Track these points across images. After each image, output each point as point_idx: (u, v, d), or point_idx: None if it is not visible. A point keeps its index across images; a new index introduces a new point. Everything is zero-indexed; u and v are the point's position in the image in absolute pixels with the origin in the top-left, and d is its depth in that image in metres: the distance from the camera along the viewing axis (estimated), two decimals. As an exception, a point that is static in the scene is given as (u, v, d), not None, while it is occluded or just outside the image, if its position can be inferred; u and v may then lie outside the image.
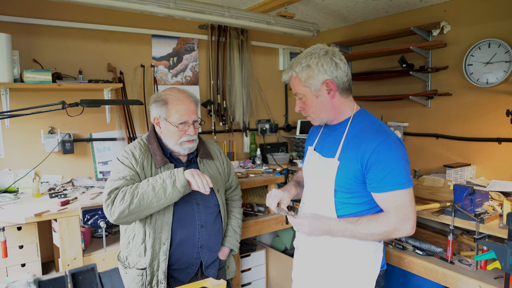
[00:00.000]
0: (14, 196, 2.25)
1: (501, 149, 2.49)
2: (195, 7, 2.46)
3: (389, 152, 1.38)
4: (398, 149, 1.39)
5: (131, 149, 1.77)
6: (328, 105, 1.49)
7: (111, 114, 2.81)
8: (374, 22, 3.24)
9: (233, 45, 3.33)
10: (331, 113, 1.51)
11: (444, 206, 2.03)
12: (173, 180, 1.59)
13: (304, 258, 1.66)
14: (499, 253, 1.60)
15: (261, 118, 3.67)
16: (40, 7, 2.49)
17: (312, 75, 1.44)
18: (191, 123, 1.76)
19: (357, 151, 1.42)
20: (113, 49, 2.81)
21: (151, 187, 1.59)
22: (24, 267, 2.13)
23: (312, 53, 1.46)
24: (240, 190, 2.13)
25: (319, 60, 1.43)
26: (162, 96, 1.77)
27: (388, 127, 1.50)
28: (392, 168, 1.37)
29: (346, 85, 1.49)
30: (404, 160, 1.40)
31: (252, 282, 2.99)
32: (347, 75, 1.48)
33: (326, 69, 1.43)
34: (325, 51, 1.46)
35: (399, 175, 1.37)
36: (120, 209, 1.57)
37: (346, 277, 1.53)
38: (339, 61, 1.45)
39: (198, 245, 1.77)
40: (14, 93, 2.43)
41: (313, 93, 1.47)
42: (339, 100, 1.50)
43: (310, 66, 1.44)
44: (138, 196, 1.58)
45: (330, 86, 1.45)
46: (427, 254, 2.11)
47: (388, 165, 1.37)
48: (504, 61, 2.38)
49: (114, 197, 1.61)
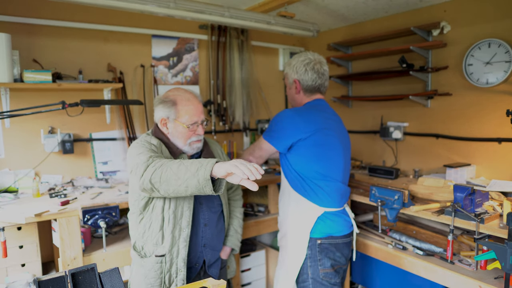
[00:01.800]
0: (14, 196, 2.25)
1: (501, 149, 2.49)
2: (195, 7, 2.46)
3: (275, 117, 1.98)
4: (282, 118, 1.95)
5: (146, 139, 1.70)
6: (294, 97, 2.08)
7: (111, 114, 2.81)
8: (374, 22, 3.24)
9: (233, 45, 3.33)
10: (293, 102, 2.11)
11: (444, 206, 2.03)
12: (198, 167, 1.37)
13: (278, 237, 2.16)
14: (499, 253, 1.60)
15: (261, 118, 3.67)
16: (40, 7, 2.49)
17: (289, 73, 2.04)
18: (200, 123, 1.76)
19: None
20: (113, 49, 2.81)
21: (177, 166, 1.42)
22: (24, 267, 2.13)
23: (298, 58, 2.01)
24: (241, 190, 2.14)
25: (296, 64, 2.00)
26: (170, 96, 1.75)
27: (299, 109, 2.00)
28: (268, 128, 2.00)
29: (310, 87, 2.00)
30: (280, 126, 1.93)
31: (252, 282, 2.99)
32: (313, 81, 1.99)
33: (297, 71, 1.99)
34: (309, 60, 1.97)
35: (268, 130, 1.99)
36: (149, 172, 1.46)
37: (286, 238, 2.01)
38: (310, 69, 1.96)
39: (201, 244, 1.78)
40: (14, 93, 2.43)
41: (288, 85, 2.09)
42: (302, 96, 2.05)
43: (290, 65, 2.03)
44: (166, 166, 1.44)
45: (296, 84, 2.02)
46: (427, 254, 2.11)
47: (269, 125, 2.01)
48: (504, 61, 2.38)
49: (152, 161, 1.50)
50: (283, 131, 1.92)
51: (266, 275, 3.10)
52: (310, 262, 1.90)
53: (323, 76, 1.99)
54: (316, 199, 1.91)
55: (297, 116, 1.92)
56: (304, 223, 1.93)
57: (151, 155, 1.55)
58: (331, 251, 1.90)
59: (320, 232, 1.91)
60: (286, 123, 1.91)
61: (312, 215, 1.92)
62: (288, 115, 1.93)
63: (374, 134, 3.31)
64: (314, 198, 1.92)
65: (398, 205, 2.12)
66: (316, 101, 2.04)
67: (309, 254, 1.91)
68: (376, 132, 3.28)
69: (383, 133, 3.15)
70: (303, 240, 1.92)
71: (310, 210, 1.92)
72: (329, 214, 1.92)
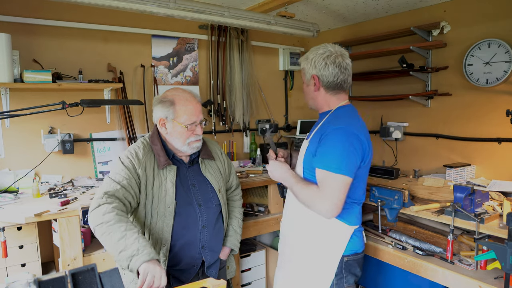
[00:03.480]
0: (14, 196, 2.24)
1: (501, 149, 2.49)
2: (195, 7, 2.46)
3: (334, 138, 1.60)
4: (344, 139, 1.59)
5: (135, 149, 1.74)
6: (312, 94, 1.77)
7: (111, 114, 2.81)
8: (374, 22, 3.24)
9: (233, 45, 3.33)
10: (313, 101, 1.80)
11: (444, 206, 2.03)
12: (134, 254, 1.41)
13: (283, 236, 1.91)
14: (499, 253, 1.60)
15: (261, 118, 3.67)
16: (40, 7, 2.49)
17: (307, 68, 1.75)
18: (198, 123, 1.76)
19: (321, 133, 1.67)
20: (113, 49, 2.81)
21: (119, 236, 1.46)
22: (24, 267, 2.13)
23: (316, 51, 1.72)
24: (240, 190, 2.13)
25: (314, 57, 1.71)
26: (168, 96, 1.74)
27: (351, 121, 1.68)
28: (328, 152, 1.59)
29: (332, 84, 1.71)
30: (346, 150, 1.58)
31: (252, 282, 2.99)
32: (335, 76, 1.70)
33: (316, 66, 1.70)
34: (329, 53, 1.69)
35: (331, 159, 1.58)
36: (91, 223, 1.55)
37: (311, 250, 1.76)
38: (330, 63, 1.68)
39: (199, 246, 1.77)
40: (14, 93, 2.43)
41: (305, 81, 1.79)
42: (323, 93, 1.75)
43: (307, 60, 1.74)
44: (107, 230, 1.49)
45: (315, 80, 1.73)
46: (427, 254, 2.11)
47: (327, 148, 1.60)
48: (504, 61, 2.38)
49: (103, 203, 1.56)
50: (352, 156, 1.60)
51: (266, 275, 3.10)
52: (336, 280, 1.75)
53: (346, 71, 1.72)
54: (348, 219, 1.73)
55: (352, 138, 1.62)
56: (335, 243, 1.73)
57: (112, 191, 1.60)
58: (354, 266, 1.78)
59: (347, 249, 1.76)
60: (351, 148, 1.60)
61: (344, 235, 1.73)
62: (346, 137, 1.61)
63: (374, 134, 3.31)
64: (347, 218, 1.72)
65: (398, 205, 2.12)
66: (349, 108, 1.77)
67: (336, 272, 1.75)
68: (376, 132, 3.28)
69: (383, 133, 3.15)
70: (333, 260, 1.74)
71: (341, 229, 1.73)
72: (355, 231, 1.78)
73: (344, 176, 1.56)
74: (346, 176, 1.57)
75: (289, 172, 1.73)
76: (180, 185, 1.76)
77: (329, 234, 1.73)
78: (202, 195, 1.79)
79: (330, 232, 1.73)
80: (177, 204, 1.72)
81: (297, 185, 1.68)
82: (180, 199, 1.73)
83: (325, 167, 1.58)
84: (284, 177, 1.74)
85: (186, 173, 1.81)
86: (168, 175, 1.73)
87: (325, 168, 1.58)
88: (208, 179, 1.84)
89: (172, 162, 1.77)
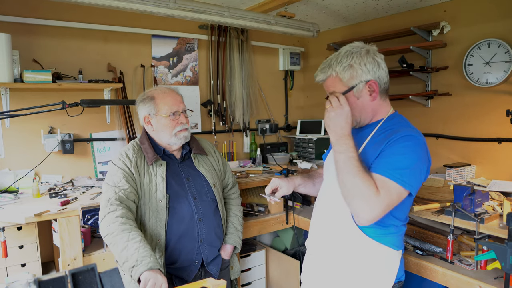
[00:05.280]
0: (14, 196, 2.24)
1: (501, 149, 2.49)
2: (195, 7, 2.46)
3: (406, 144, 1.29)
4: (417, 149, 1.31)
5: (125, 150, 1.82)
6: (368, 106, 1.41)
7: (111, 114, 2.81)
8: (374, 22, 3.24)
9: (233, 45, 3.33)
10: (369, 114, 1.43)
11: (444, 206, 2.03)
12: (135, 265, 1.47)
13: (313, 260, 1.56)
14: (499, 253, 1.60)
15: (261, 118, 3.67)
16: (40, 7, 2.49)
17: (355, 75, 1.35)
18: (181, 111, 1.81)
19: (382, 143, 1.34)
20: (113, 49, 2.81)
21: (122, 247, 1.52)
22: (24, 267, 2.13)
23: (352, 52, 1.37)
24: (238, 189, 2.14)
25: (362, 60, 1.35)
26: (147, 94, 1.83)
27: (416, 129, 1.41)
28: (398, 159, 1.27)
29: (386, 86, 1.42)
30: (416, 163, 1.29)
31: (252, 282, 2.99)
32: (388, 75, 1.41)
33: (369, 69, 1.35)
34: (366, 50, 1.38)
35: (398, 167, 1.26)
36: (102, 235, 1.63)
37: (356, 282, 1.41)
38: (381, 60, 1.38)
39: (198, 239, 1.78)
40: (14, 93, 2.43)
41: (355, 94, 1.37)
42: (378, 102, 1.42)
43: (353, 66, 1.35)
44: (112, 241, 1.57)
45: (372, 87, 1.37)
46: (427, 254, 2.11)
47: (397, 154, 1.28)
48: (504, 61, 2.38)
49: (107, 213, 1.62)
50: (421, 172, 1.34)
51: (266, 275, 3.10)
52: None
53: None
54: (397, 243, 1.45)
55: (423, 151, 1.35)
56: (386, 273, 1.43)
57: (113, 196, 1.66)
58: None
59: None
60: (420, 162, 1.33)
61: (394, 263, 1.45)
62: (420, 148, 1.34)
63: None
64: (396, 243, 1.44)
65: (398, 205, 2.11)
66: (397, 114, 1.51)
67: None
68: (376, 132, 3.28)
69: (383, 133, 3.14)
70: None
71: (391, 256, 1.43)
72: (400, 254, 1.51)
73: (406, 191, 1.28)
74: (407, 191, 1.28)
75: (348, 128, 1.32)
76: (173, 179, 1.79)
77: (378, 262, 1.40)
78: (197, 189, 1.82)
79: (379, 260, 1.40)
80: (170, 198, 1.74)
81: (357, 164, 1.27)
82: (172, 193, 1.76)
83: (389, 176, 1.26)
84: (341, 133, 1.30)
85: (179, 167, 1.85)
86: (158, 170, 1.77)
87: (389, 177, 1.26)
88: (202, 173, 1.87)
89: (163, 158, 1.82)
